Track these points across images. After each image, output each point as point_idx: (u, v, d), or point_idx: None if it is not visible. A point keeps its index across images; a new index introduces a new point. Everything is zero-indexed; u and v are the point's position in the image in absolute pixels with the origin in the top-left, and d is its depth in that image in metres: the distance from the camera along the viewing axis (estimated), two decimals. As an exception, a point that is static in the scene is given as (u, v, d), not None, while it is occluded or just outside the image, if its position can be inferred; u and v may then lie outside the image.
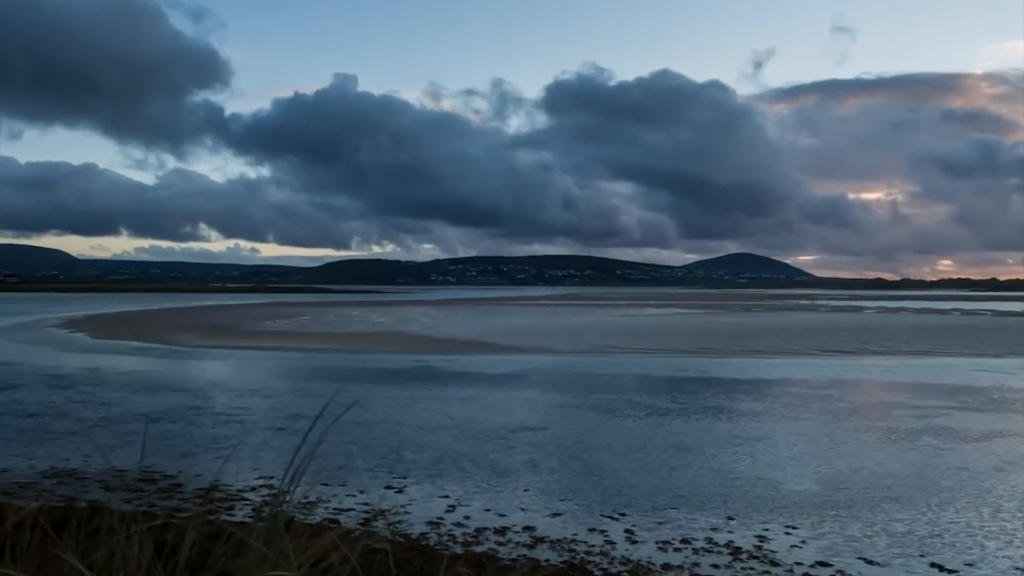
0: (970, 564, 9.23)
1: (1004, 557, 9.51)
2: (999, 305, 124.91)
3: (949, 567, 9.14)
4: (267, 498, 3.75)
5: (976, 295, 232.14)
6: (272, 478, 12.08)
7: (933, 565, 9.20)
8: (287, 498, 3.71)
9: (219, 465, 13.62)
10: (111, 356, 35.10)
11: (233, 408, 20.24)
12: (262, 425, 18.03)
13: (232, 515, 10.38)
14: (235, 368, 31.34)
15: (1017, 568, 9.12)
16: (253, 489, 11.97)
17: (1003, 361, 34.95)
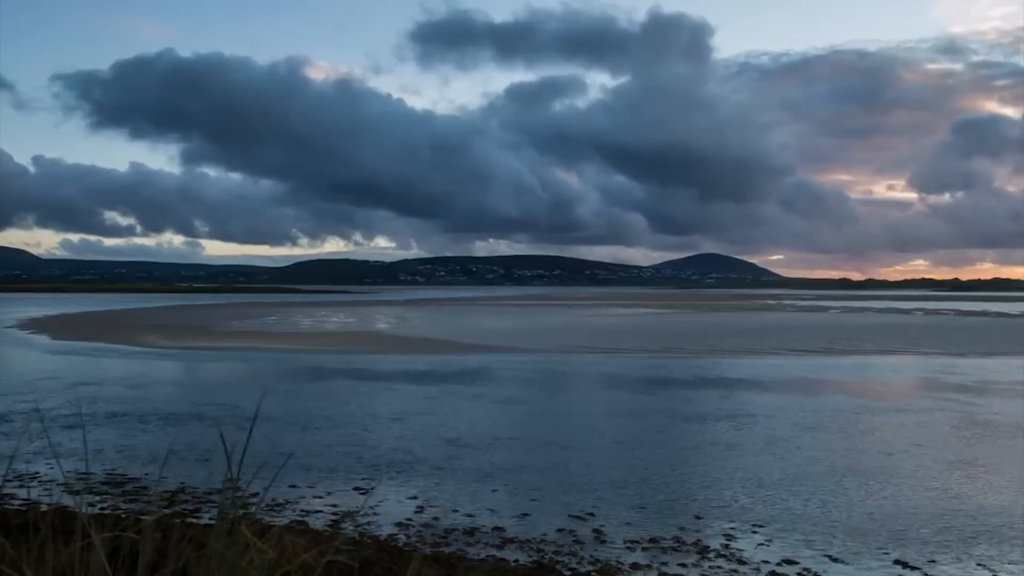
0: (932, 561, 9.33)
1: (967, 555, 9.62)
2: (960, 305, 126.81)
3: (912, 564, 9.24)
4: (230, 500, 3.70)
5: (939, 295, 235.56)
6: (239, 480, 11.95)
7: (897, 562, 9.29)
8: (250, 499, 3.67)
9: (183, 467, 13.46)
10: (74, 357, 34.62)
11: (201, 409, 20.03)
12: (230, 426, 17.85)
13: (198, 518, 10.27)
14: (201, 369, 31.06)
15: (981, 565, 9.24)
16: (219, 491, 11.84)
17: (967, 360, 35.45)
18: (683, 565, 9.19)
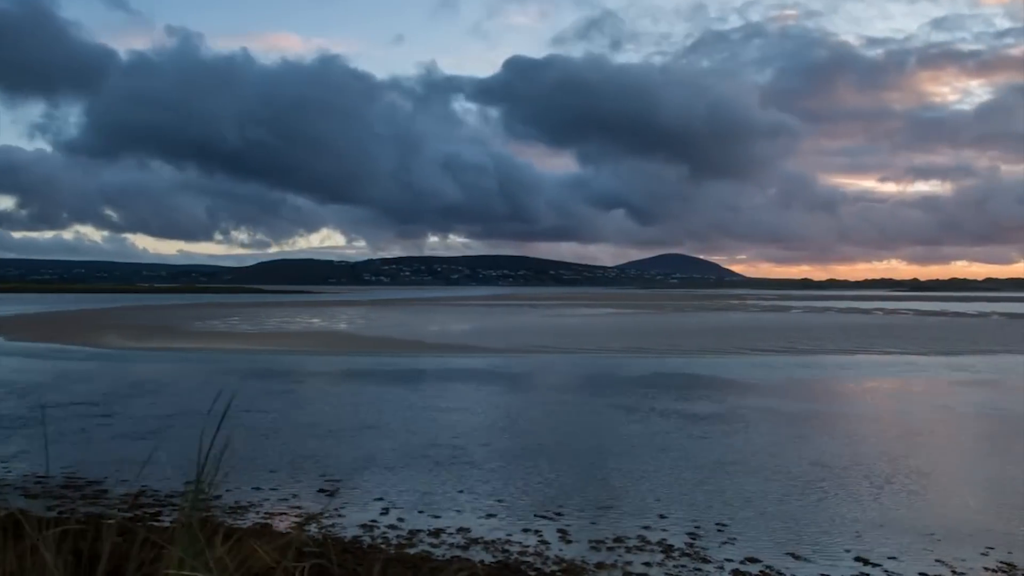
0: (893, 558, 9.46)
1: (928, 552, 9.76)
2: (919, 305, 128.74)
3: (873, 560, 9.36)
4: (191, 502, 3.66)
5: (897, 295, 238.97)
6: (202, 483, 11.83)
7: (858, 559, 9.41)
8: (212, 502, 3.64)
9: (146, 470, 13.29)
10: (32, 359, 34.09)
11: (162, 411, 19.80)
12: (191, 428, 17.66)
13: (160, 521, 10.14)
14: (162, 370, 30.67)
15: (939, 561, 9.37)
16: (181, 494, 11.71)
17: (928, 359, 35.98)
18: (647, 564, 9.23)
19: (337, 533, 10.13)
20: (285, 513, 11.10)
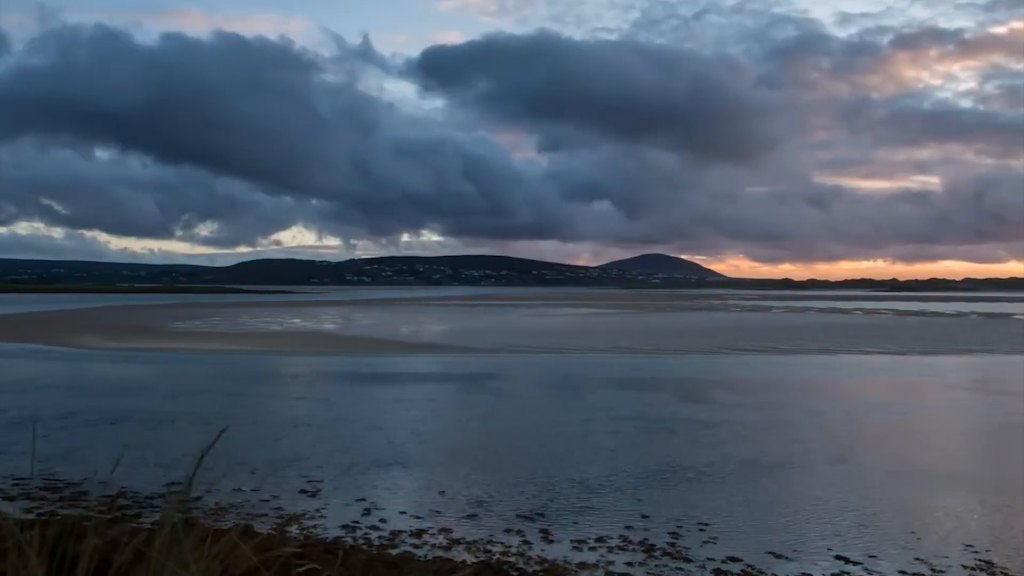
0: (873, 556, 9.52)
1: (907, 550, 9.83)
2: (898, 305, 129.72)
3: (853, 559, 9.42)
4: (172, 504, 3.65)
5: (877, 295, 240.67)
6: (180, 484, 11.76)
7: (838, 558, 9.47)
8: (193, 503, 3.63)
9: (126, 472, 13.20)
10: (9, 360, 33.80)
11: (143, 412, 19.67)
12: (173, 428, 17.57)
13: (140, 523, 10.07)
14: (142, 370, 30.48)
15: (919, 559, 9.45)
16: (162, 496, 11.65)
17: (907, 358, 36.25)
18: (630, 564, 9.25)
19: (319, 534, 10.10)
20: (266, 514, 11.05)
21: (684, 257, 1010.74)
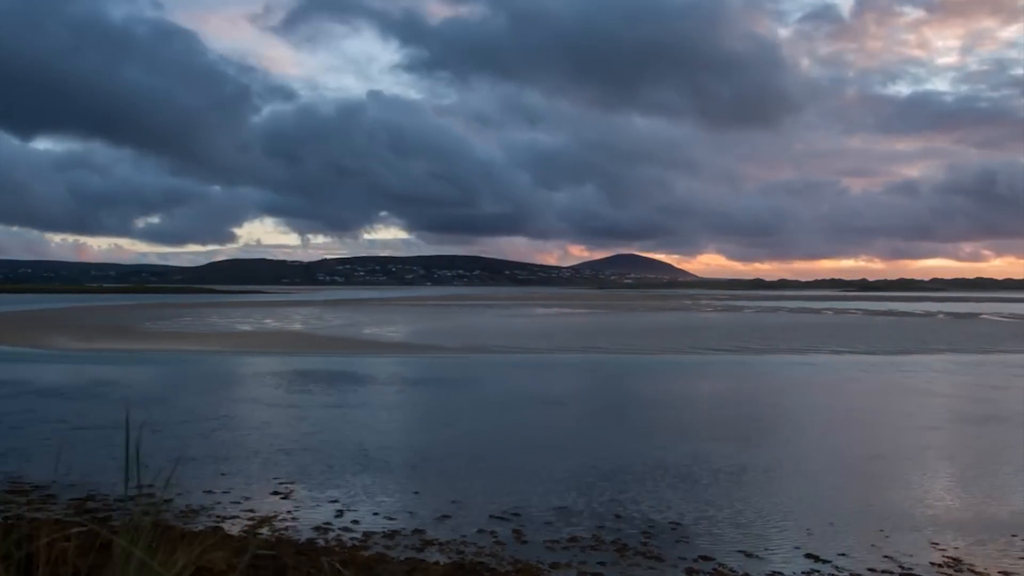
0: (843, 554, 9.61)
1: (876, 548, 9.93)
2: (868, 304, 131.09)
3: (823, 557, 9.51)
4: (142, 506, 3.62)
5: (847, 295, 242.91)
6: (152, 486, 11.66)
7: (809, 556, 9.55)
8: (164, 505, 3.60)
9: (95, 474, 13.06)
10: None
11: (114, 414, 19.46)
12: (144, 430, 17.38)
13: (110, 525, 9.97)
14: (110, 371, 30.17)
15: (888, 557, 9.55)
16: (131, 498, 11.54)
17: (876, 358, 36.63)
18: (602, 564, 9.28)
19: (291, 535, 10.05)
20: (237, 516, 10.98)
21: (656, 256, 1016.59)
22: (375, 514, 11.20)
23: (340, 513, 11.24)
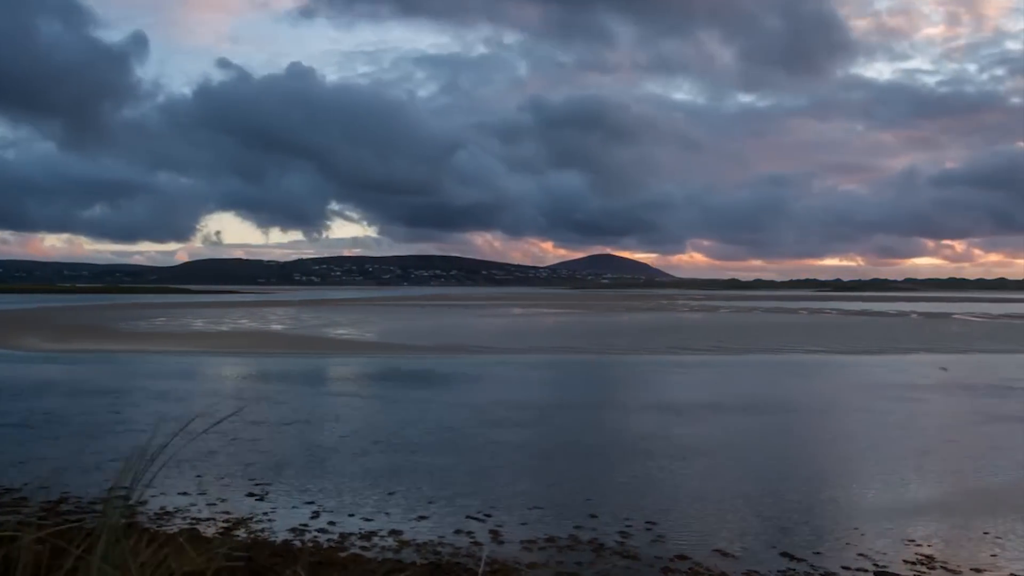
0: (817, 552, 9.68)
1: (850, 546, 10.01)
2: (843, 305, 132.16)
3: (798, 556, 9.57)
4: (115, 508, 3.58)
5: (822, 295, 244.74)
6: (125, 488, 11.55)
7: (784, 555, 9.61)
8: (138, 507, 3.57)
9: (68, 476, 12.93)
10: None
11: (85, 416, 19.29)
12: (116, 432, 17.26)
13: (82, 529, 9.87)
14: (83, 372, 29.87)
15: (862, 555, 9.62)
16: (105, 500, 11.42)
17: (850, 357, 36.90)
18: (579, 564, 9.29)
19: (266, 537, 9.99)
20: (212, 518, 10.91)
21: (632, 256, 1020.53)
22: (351, 515, 11.16)
23: (316, 515, 11.19)
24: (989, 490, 12.88)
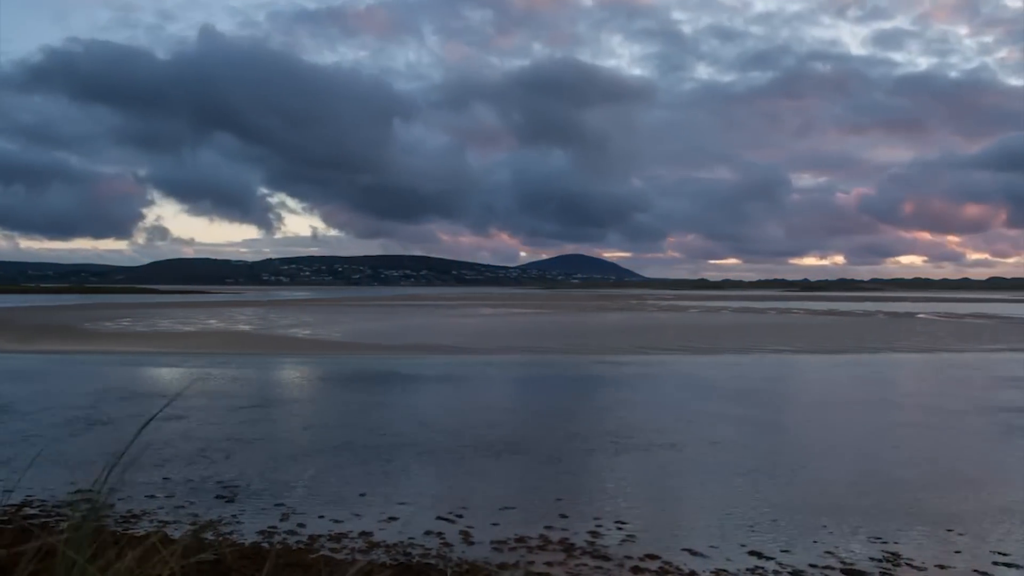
0: (786, 551, 9.77)
1: (818, 543, 10.11)
2: (810, 304, 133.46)
3: (766, 554, 9.65)
4: (82, 511, 3.56)
5: (789, 295, 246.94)
6: (93, 490, 11.42)
7: (752, 553, 9.69)
8: (105, 511, 3.54)
9: (32, 479, 12.77)
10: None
11: (50, 417, 19.05)
12: (82, 435, 17.06)
13: (49, 532, 9.75)
14: (47, 373, 29.50)
15: (829, 552, 9.73)
16: (71, 504, 11.30)
17: (818, 356, 37.25)
18: (549, 564, 9.31)
19: (235, 539, 9.93)
20: (180, 521, 10.82)
21: (603, 257, 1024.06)
22: (320, 517, 11.11)
23: (285, 517, 11.13)
24: (955, 486, 13.06)
